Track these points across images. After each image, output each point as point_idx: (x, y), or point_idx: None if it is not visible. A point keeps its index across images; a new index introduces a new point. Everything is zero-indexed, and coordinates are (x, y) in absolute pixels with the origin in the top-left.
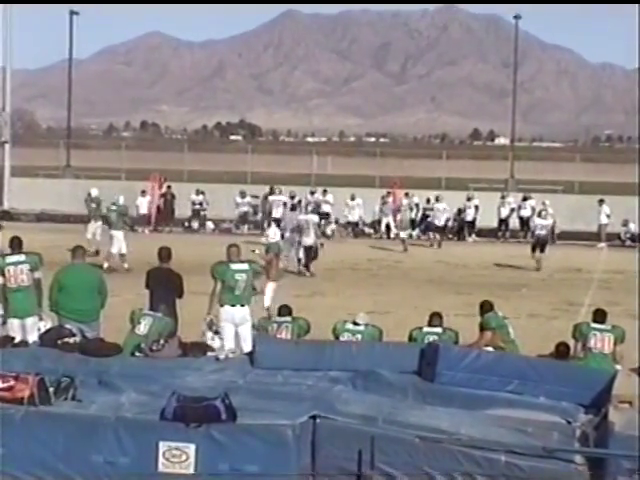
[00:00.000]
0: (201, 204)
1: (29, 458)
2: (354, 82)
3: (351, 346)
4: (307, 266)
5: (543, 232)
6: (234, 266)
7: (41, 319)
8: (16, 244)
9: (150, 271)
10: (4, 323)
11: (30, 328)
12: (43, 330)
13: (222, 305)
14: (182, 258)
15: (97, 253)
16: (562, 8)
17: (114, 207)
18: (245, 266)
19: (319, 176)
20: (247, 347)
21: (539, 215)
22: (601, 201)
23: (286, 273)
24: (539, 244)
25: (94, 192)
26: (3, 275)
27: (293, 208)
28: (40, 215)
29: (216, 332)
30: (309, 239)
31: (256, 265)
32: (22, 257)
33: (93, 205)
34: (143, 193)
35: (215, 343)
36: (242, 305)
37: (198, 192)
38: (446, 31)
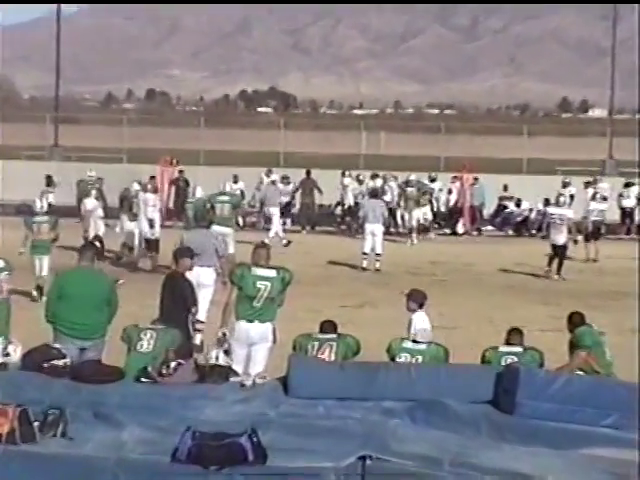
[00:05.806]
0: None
1: None
2: (412, 39)
3: (410, 369)
4: (559, 270)
5: (599, 218)
6: (257, 271)
7: (10, 343)
8: None
9: (165, 276)
10: None
11: None
12: (14, 356)
13: (237, 319)
14: None
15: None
16: None
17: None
18: (272, 273)
19: (369, 157)
20: (256, 371)
21: (593, 198)
22: None
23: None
24: (594, 232)
25: None
26: None
27: (374, 194)
28: (20, 207)
29: (226, 352)
30: (561, 237)
31: (287, 273)
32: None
33: None
34: (152, 179)
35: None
36: (261, 321)
37: (236, 180)
38: None
